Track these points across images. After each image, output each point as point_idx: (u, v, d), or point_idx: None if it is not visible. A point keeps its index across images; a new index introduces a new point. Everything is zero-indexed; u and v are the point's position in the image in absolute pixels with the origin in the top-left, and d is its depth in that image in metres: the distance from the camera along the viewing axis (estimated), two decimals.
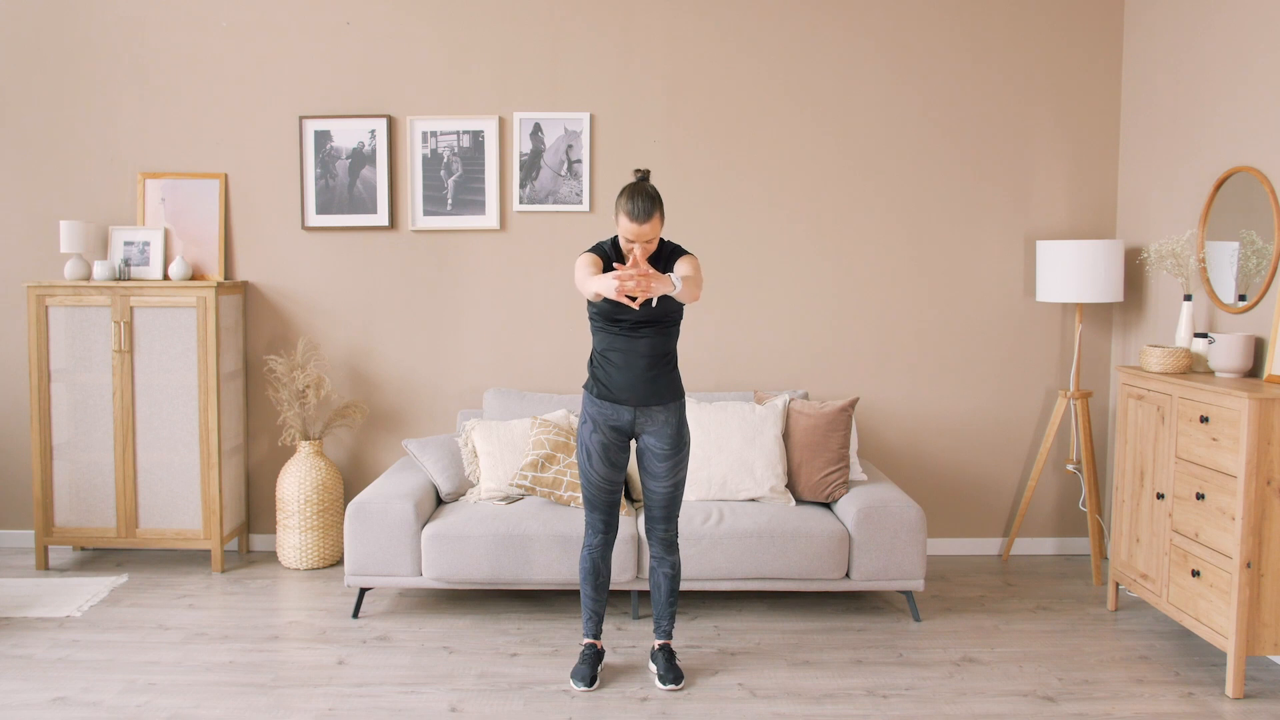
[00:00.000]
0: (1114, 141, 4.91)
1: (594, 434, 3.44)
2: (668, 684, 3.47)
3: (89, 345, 4.66)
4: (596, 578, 3.55)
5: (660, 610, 3.59)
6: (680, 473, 3.48)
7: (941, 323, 4.96)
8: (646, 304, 3.29)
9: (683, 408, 3.49)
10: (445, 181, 4.91)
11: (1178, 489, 3.73)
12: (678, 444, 3.45)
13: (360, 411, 4.87)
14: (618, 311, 3.33)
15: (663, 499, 3.49)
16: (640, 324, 3.35)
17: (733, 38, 4.86)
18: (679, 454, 3.46)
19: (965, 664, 3.70)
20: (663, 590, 3.57)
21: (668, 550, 3.55)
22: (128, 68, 4.91)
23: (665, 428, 3.43)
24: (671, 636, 3.61)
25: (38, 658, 3.72)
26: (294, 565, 4.75)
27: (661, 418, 3.43)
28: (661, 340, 3.40)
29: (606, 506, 3.51)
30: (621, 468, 3.49)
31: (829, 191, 4.92)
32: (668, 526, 3.53)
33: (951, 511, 5.04)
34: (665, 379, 3.43)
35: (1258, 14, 3.90)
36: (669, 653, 3.57)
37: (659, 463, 3.44)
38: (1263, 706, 3.37)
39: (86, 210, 4.95)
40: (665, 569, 3.56)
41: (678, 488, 3.49)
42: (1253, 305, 3.89)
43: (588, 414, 3.46)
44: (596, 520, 3.52)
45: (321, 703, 3.36)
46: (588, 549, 3.55)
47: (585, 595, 3.57)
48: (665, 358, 3.42)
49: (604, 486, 3.47)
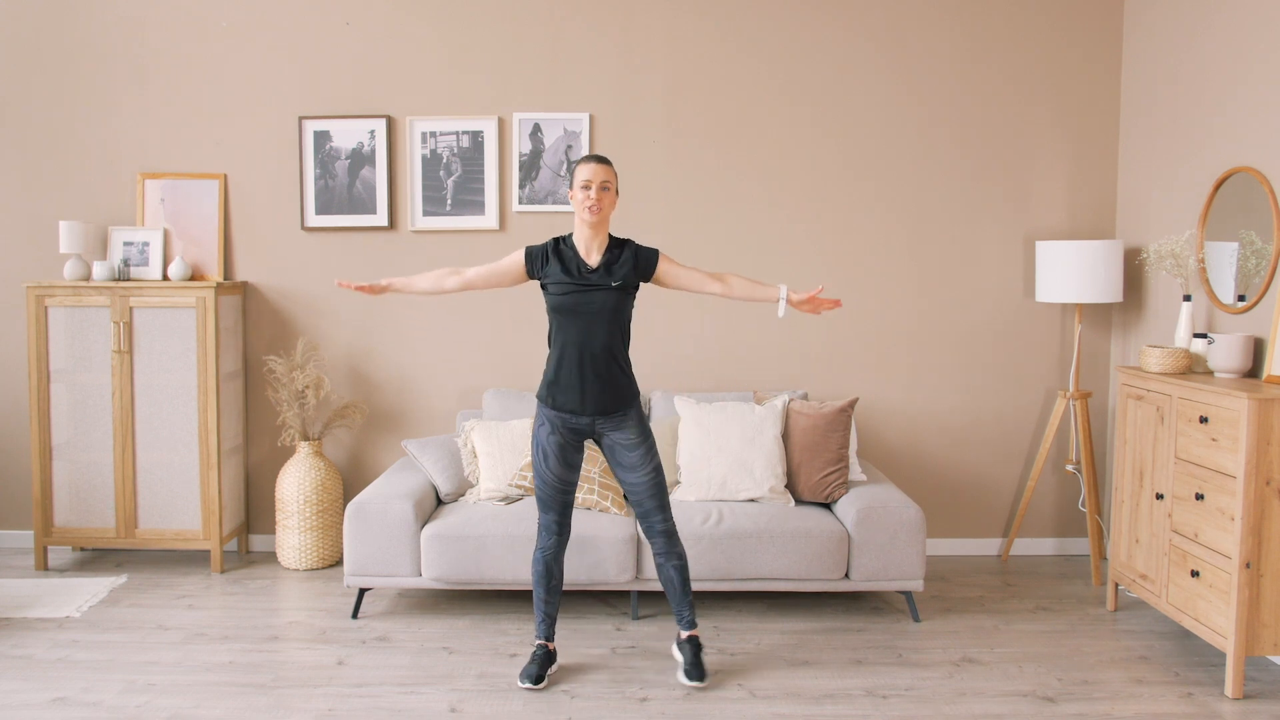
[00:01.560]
0: (1113, 142, 4.91)
1: (551, 435, 3.45)
2: (693, 680, 3.46)
3: (88, 345, 4.66)
4: (549, 580, 3.54)
5: (678, 602, 3.56)
6: (655, 457, 3.47)
7: (941, 323, 4.96)
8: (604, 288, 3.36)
9: (639, 406, 3.50)
10: (445, 182, 4.91)
11: (1177, 489, 3.73)
12: (643, 432, 3.46)
13: (360, 412, 4.87)
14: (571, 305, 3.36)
15: (648, 487, 3.46)
16: (595, 317, 3.36)
17: (733, 38, 4.87)
18: (647, 439, 3.46)
19: (965, 664, 3.70)
20: (676, 584, 3.54)
21: (670, 542, 3.51)
22: (127, 68, 4.91)
23: (625, 421, 3.44)
24: (696, 625, 3.57)
25: (37, 658, 3.72)
26: (293, 566, 4.75)
27: (619, 417, 3.44)
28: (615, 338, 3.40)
29: (560, 508, 3.50)
30: (576, 468, 3.49)
31: (829, 191, 4.92)
32: (664, 515, 3.49)
33: (951, 512, 5.04)
34: (619, 383, 3.43)
35: (1257, 14, 3.90)
36: (696, 645, 3.54)
37: (630, 453, 3.44)
38: (1262, 707, 3.38)
39: (86, 210, 4.95)
40: (674, 561, 3.52)
41: (658, 472, 3.47)
42: (1252, 305, 3.89)
43: (544, 416, 3.47)
44: (550, 522, 3.51)
45: (321, 703, 3.36)
46: (540, 551, 3.54)
47: (538, 597, 3.56)
48: (616, 360, 3.42)
49: (559, 487, 3.47)
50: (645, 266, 3.43)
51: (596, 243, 3.41)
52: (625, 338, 3.46)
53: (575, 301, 3.36)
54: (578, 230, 3.44)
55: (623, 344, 3.45)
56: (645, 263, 3.44)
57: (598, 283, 3.36)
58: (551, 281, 3.40)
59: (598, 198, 3.34)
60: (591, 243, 3.41)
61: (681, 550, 3.55)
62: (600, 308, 3.35)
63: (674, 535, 3.53)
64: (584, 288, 3.36)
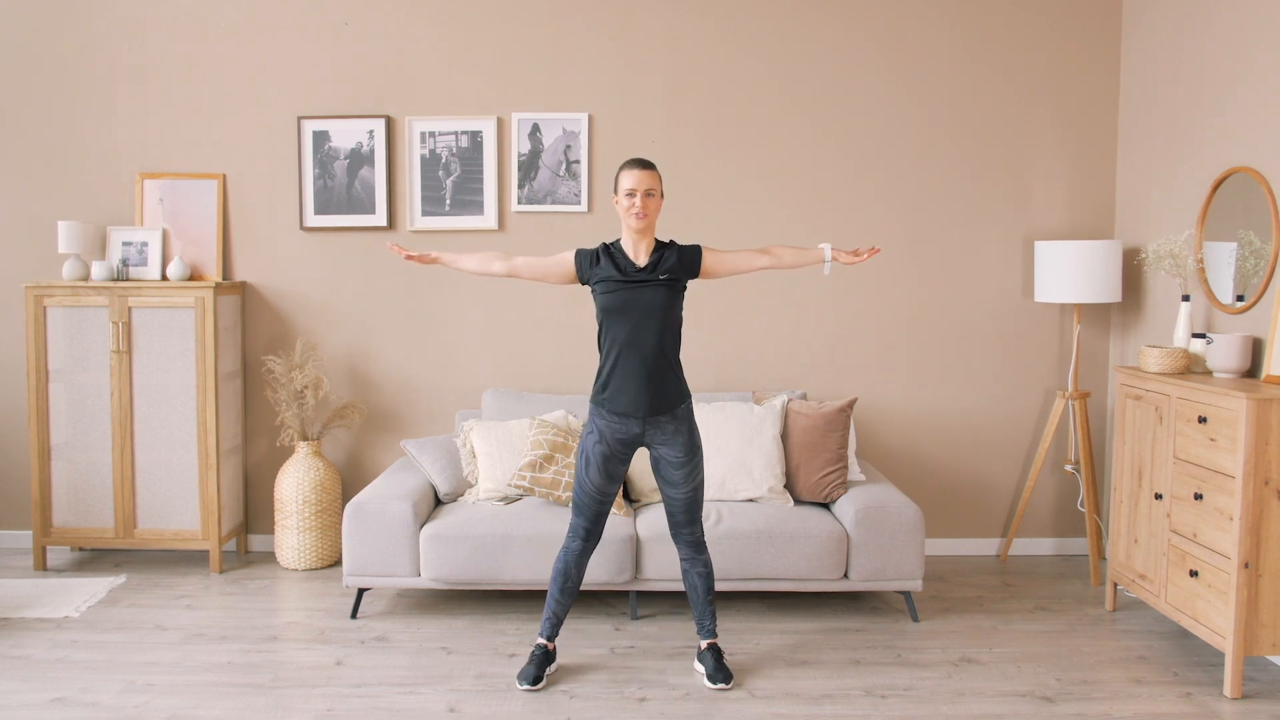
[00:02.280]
0: (1112, 142, 4.91)
1: (597, 444, 3.43)
2: (717, 683, 3.47)
3: (87, 346, 4.66)
4: (565, 581, 3.54)
5: (700, 610, 3.57)
6: (698, 475, 3.48)
7: (940, 323, 4.96)
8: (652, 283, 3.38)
9: (690, 411, 3.49)
10: (444, 182, 4.91)
11: (1176, 489, 3.73)
12: (690, 449, 3.45)
13: (359, 412, 4.87)
14: (621, 303, 3.36)
15: (684, 502, 3.49)
16: (646, 315, 3.36)
17: (732, 38, 4.87)
18: (693, 458, 3.46)
19: (964, 664, 3.70)
20: (699, 591, 3.56)
21: (697, 551, 3.54)
22: (126, 68, 4.90)
23: (676, 436, 3.43)
24: (716, 634, 3.60)
25: (36, 658, 3.71)
26: (292, 566, 4.75)
27: (671, 427, 3.43)
28: (667, 337, 3.40)
29: (594, 516, 3.50)
30: (618, 480, 3.48)
31: (828, 191, 4.92)
32: (693, 529, 3.53)
33: (950, 512, 5.05)
34: (671, 384, 3.43)
35: (1257, 14, 3.91)
36: (717, 652, 3.55)
37: (675, 470, 3.44)
38: (1261, 706, 3.38)
39: (85, 210, 4.95)
40: (699, 569, 3.55)
41: (697, 490, 3.49)
42: (1251, 305, 3.89)
43: (595, 424, 3.45)
44: (580, 526, 3.51)
45: (320, 703, 3.36)
46: (565, 551, 3.54)
47: (551, 596, 3.56)
48: (668, 359, 3.42)
49: (596, 496, 3.47)
50: (690, 263, 3.46)
51: (644, 246, 3.44)
52: (676, 338, 3.46)
53: (625, 299, 3.37)
54: (625, 235, 3.46)
55: (674, 344, 3.44)
56: (690, 259, 3.47)
57: (646, 279, 3.38)
58: (600, 280, 3.41)
59: (643, 204, 3.36)
60: (638, 246, 3.43)
61: (708, 559, 3.57)
62: (650, 305, 3.36)
63: (701, 545, 3.55)
64: (633, 284, 3.37)
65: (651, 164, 3.42)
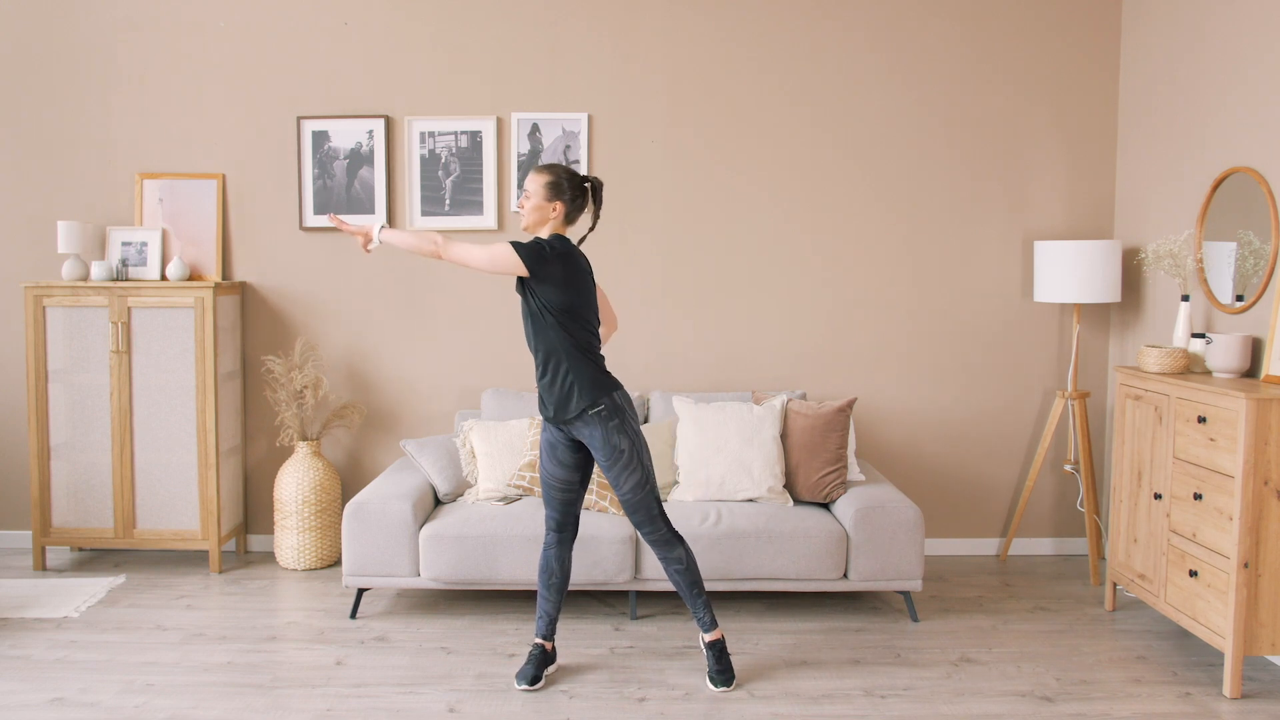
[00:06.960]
0: (1112, 142, 4.91)
1: (543, 431, 3.50)
2: (717, 686, 3.46)
3: (86, 346, 4.66)
4: (549, 577, 3.54)
5: (689, 604, 3.51)
6: (632, 477, 3.35)
7: (939, 323, 4.96)
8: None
9: (606, 416, 3.33)
10: (443, 182, 4.91)
11: (1175, 489, 3.73)
12: (611, 454, 3.34)
13: (358, 412, 4.87)
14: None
15: (626, 504, 3.41)
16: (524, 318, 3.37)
17: (733, 38, 4.87)
18: (617, 462, 3.34)
19: (963, 664, 3.70)
20: (682, 586, 3.48)
21: (667, 549, 3.44)
22: (125, 68, 4.90)
23: (593, 440, 3.37)
24: (711, 626, 3.50)
25: (35, 658, 3.71)
26: (292, 566, 4.75)
27: (587, 431, 3.37)
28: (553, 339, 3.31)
29: (559, 505, 3.50)
30: (570, 467, 3.47)
31: (827, 191, 4.92)
32: (649, 529, 3.42)
33: (949, 512, 5.05)
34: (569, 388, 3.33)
35: (1256, 15, 3.91)
36: (718, 651, 3.50)
37: (607, 471, 3.41)
38: (1260, 706, 3.38)
39: (84, 210, 4.95)
40: (674, 565, 3.45)
41: (636, 490, 3.37)
42: (1250, 305, 3.89)
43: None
44: (550, 519, 3.53)
45: (320, 703, 3.36)
46: (544, 547, 3.56)
47: (540, 594, 3.58)
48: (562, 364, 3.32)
49: (553, 484, 3.48)
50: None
51: None
52: (568, 340, 3.30)
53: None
54: None
55: (566, 347, 3.31)
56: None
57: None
58: None
59: (520, 203, 3.42)
60: None
61: (680, 554, 3.44)
62: (524, 311, 3.38)
63: (668, 543, 3.44)
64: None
65: (544, 167, 3.37)
